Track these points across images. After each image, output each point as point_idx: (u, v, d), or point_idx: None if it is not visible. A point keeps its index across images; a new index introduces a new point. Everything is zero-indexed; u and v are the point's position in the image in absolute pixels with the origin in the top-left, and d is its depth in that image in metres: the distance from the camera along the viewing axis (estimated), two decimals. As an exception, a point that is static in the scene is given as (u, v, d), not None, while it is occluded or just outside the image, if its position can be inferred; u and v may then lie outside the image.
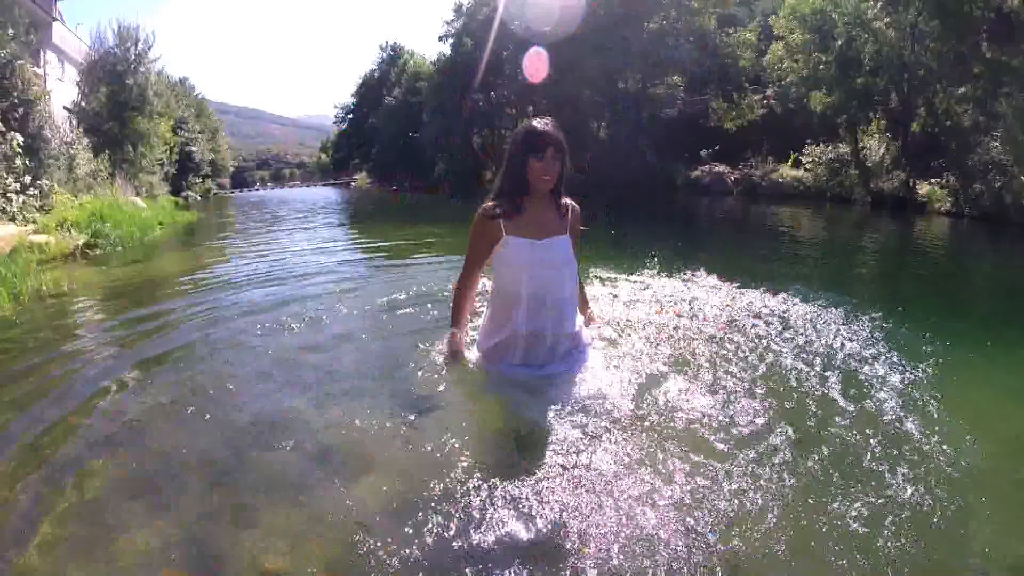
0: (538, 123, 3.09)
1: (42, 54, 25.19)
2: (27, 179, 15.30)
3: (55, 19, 27.09)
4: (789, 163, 30.15)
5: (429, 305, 5.25)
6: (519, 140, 3.09)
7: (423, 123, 53.98)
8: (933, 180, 22.04)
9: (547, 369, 3.22)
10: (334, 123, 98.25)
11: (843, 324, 4.68)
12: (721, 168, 32.52)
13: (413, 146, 56.74)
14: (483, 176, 46.15)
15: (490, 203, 3.19)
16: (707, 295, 5.42)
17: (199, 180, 54.05)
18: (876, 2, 23.29)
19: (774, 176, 29.77)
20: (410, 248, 10.86)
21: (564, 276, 3.16)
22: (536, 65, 33.90)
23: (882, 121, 25.57)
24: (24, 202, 14.86)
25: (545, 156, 3.02)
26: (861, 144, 25.86)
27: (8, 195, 14.52)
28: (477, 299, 3.86)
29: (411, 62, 67.00)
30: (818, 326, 4.61)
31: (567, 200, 3.27)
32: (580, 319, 3.48)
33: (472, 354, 3.44)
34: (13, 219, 14.08)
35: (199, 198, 50.44)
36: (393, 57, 74.43)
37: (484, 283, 3.84)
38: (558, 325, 3.17)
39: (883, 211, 21.25)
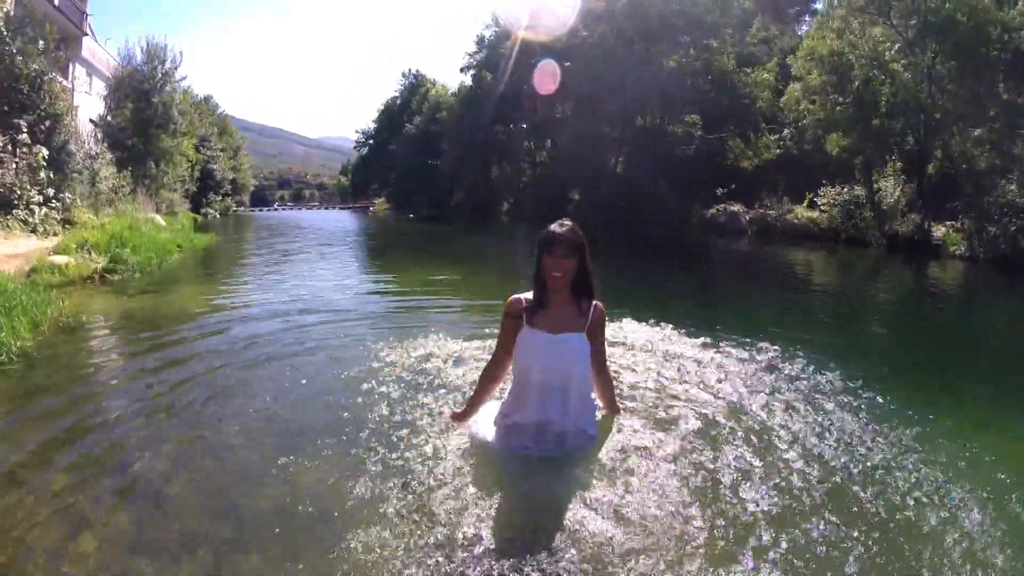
0: (554, 225, 3.33)
1: (71, 67, 25.74)
2: (50, 192, 15.61)
3: (85, 34, 27.70)
4: (804, 204, 30.14)
5: (437, 363, 5.24)
6: (538, 240, 3.34)
7: (442, 152, 54.55)
8: (948, 223, 21.96)
9: (555, 450, 3.37)
10: (355, 147, 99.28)
11: (851, 397, 4.64)
12: (736, 207, 32.50)
13: (431, 174, 57.20)
14: (500, 207, 46.50)
15: (518, 295, 3.47)
16: (717, 362, 5.37)
17: (219, 198, 54.73)
18: (893, 44, 23.43)
19: (789, 217, 29.72)
20: (424, 290, 10.79)
21: (574, 372, 3.34)
22: (546, 77, 34.30)
23: (898, 163, 25.57)
24: (46, 214, 15.14)
25: (554, 254, 3.26)
26: (876, 186, 25.83)
27: (31, 207, 14.81)
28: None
29: (432, 91, 67.85)
30: (825, 398, 4.60)
31: (597, 302, 3.48)
32: (597, 415, 3.64)
33: (489, 425, 3.58)
34: (34, 230, 14.35)
35: (218, 216, 51.04)
36: (415, 85, 75.40)
37: None
38: (564, 416, 3.34)
39: (898, 254, 21.13)
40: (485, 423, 3.60)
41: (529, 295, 3.46)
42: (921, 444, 3.88)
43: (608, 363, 3.73)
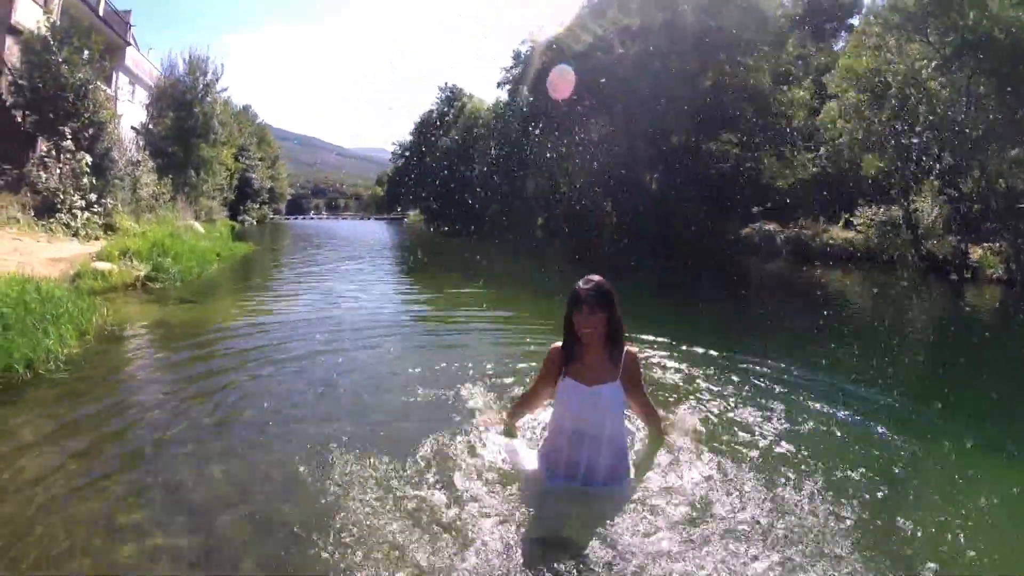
0: (581, 283, 3.47)
1: (115, 76, 26.45)
2: (92, 197, 16.05)
3: (128, 43, 28.47)
4: (840, 224, 29.73)
5: (468, 382, 5.29)
6: (568, 299, 3.50)
7: (477, 165, 54.78)
8: (985, 245, 21.49)
9: (587, 485, 3.51)
10: (391, 159, 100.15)
11: (890, 436, 4.60)
12: (771, 227, 32.18)
13: (466, 188, 57.39)
14: (534, 222, 46.54)
15: (559, 344, 3.64)
16: (753, 398, 5.27)
17: (256, 206, 55.60)
18: (931, 62, 23.05)
19: (824, 237, 29.36)
20: (457, 307, 10.86)
21: (605, 420, 3.47)
22: (561, 82, 34.30)
23: (935, 183, 25.11)
24: (88, 219, 15.57)
25: (583, 311, 3.41)
26: (913, 207, 25.38)
27: (74, 211, 15.24)
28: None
29: (469, 105, 68.22)
30: (862, 430, 4.60)
31: (629, 348, 3.62)
32: (628, 454, 3.74)
33: (529, 453, 3.80)
34: (76, 234, 14.77)
35: (255, 223, 51.85)
36: (451, 99, 75.85)
37: None
38: (594, 459, 3.48)
39: (934, 276, 20.74)
40: (525, 451, 3.83)
41: None
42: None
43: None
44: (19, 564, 2.70)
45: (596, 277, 3.47)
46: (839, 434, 4.48)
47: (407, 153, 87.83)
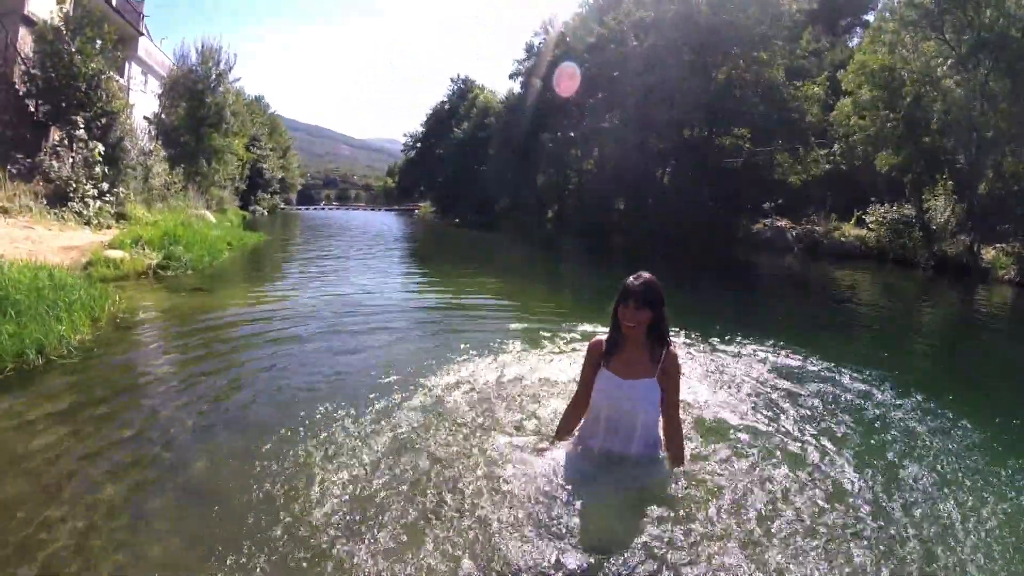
0: (631, 278, 3.51)
1: (127, 67, 26.55)
2: (104, 186, 16.14)
3: (141, 34, 28.55)
4: (852, 221, 29.55)
5: (488, 380, 5.20)
6: (618, 291, 3.54)
7: (488, 157, 54.82)
8: (998, 245, 21.34)
9: (619, 478, 3.55)
10: (402, 150, 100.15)
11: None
12: (783, 223, 32.00)
13: (477, 179, 57.44)
14: (545, 215, 46.52)
15: (600, 338, 3.71)
16: (762, 395, 5.22)
17: (267, 196, 55.79)
18: (946, 60, 22.84)
19: (836, 234, 29.17)
20: (472, 301, 10.72)
21: (638, 411, 3.53)
22: (565, 79, 34.26)
23: (948, 182, 24.90)
24: (100, 208, 15.67)
25: (628, 306, 3.45)
26: (926, 205, 25.18)
27: (86, 200, 15.34)
28: None
29: (481, 97, 68.17)
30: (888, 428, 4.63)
31: (671, 349, 3.63)
32: (660, 444, 3.75)
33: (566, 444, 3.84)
34: (88, 223, 14.86)
35: (266, 213, 52.02)
36: (464, 91, 75.84)
37: None
38: (626, 447, 3.57)
39: (945, 276, 20.58)
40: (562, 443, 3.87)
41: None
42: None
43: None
44: (28, 548, 2.74)
45: (646, 274, 3.51)
46: (857, 429, 4.47)
47: (418, 144, 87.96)
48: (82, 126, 16.11)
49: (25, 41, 17.73)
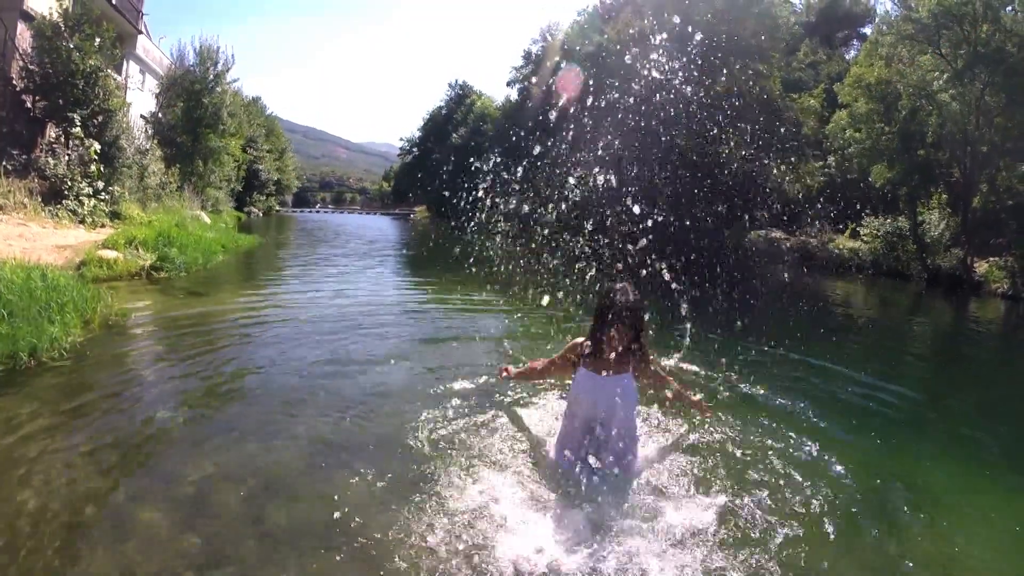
0: (619, 293, 3.53)
1: (125, 65, 26.45)
2: (99, 184, 16.06)
3: (140, 32, 28.44)
4: (846, 234, 29.67)
5: (480, 387, 5.15)
6: (604, 301, 3.59)
7: (485, 163, 54.82)
8: (992, 259, 21.47)
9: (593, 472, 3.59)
10: (399, 154, 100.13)
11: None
12: (777, 234, 32.11)
13: (474, 185, 57.23)
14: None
15: (580, 340, 3.77)
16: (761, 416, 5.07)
17: (263, 197, 55.67)
18: (942, 74, 23.00)
19: (830, 246, 29.29)
20: (469, 308, 10.63)
21: (616, 407, 3.55)
22: (569, 82, 34.33)
23: (943, 195, 25.05)
24: (95, 206, 15.59)
25: (612, 321, 3.50)
26: (920, 218, 25.32)
27: (80, 198, 15.26)
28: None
29: (478, 103, 68.28)
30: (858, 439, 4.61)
31: (643, 340, 3.69)
32: (637, 442, 3.84)
33: (549, 442, 3.96)
34: (83, 221, 14.78)
35: (261, 215, 51.90)
36: (461, 96, 75.93)
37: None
38: (603, 445, 3.57)
39: (938, 289, 20.67)
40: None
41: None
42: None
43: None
44: (18, 549, 2.71)
45: (631, 292, 3.55)
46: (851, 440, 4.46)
47: (415, 149, 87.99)
48: (78, 123, 16.03)
49: (23, 36, 17.64)
